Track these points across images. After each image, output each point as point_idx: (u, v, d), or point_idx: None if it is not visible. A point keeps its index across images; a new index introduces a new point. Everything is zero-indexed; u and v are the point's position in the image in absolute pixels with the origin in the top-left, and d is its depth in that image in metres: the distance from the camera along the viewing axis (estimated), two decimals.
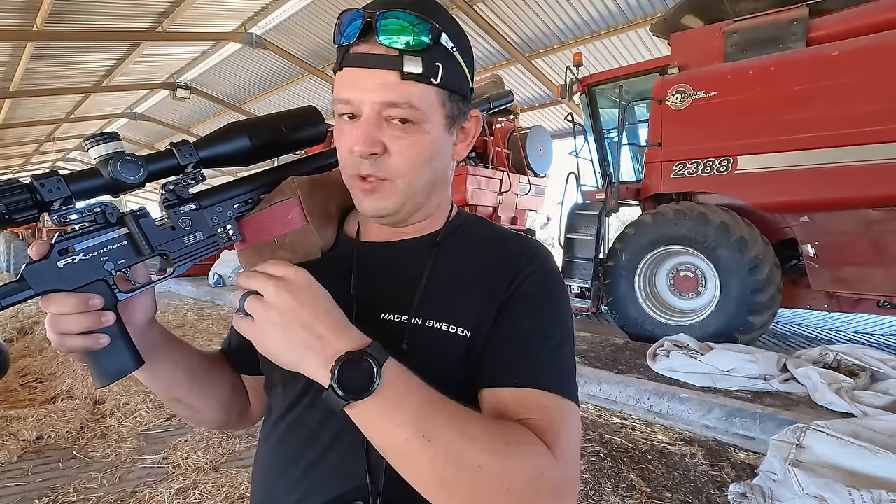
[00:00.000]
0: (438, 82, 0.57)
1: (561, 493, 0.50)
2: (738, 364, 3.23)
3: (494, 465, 0.47)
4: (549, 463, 0.50)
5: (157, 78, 12.12)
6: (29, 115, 13.64)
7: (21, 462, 2.66)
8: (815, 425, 2.27)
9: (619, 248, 4.81)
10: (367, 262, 0.67)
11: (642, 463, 2.58)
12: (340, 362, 0.48)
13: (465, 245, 0.67)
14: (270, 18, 9.39)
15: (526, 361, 0.57)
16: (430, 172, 0.61)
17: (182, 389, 0.70)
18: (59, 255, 0.54)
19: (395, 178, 0.59)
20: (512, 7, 8.20)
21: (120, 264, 0.57)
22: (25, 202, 0.51)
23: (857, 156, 3.81)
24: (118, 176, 0.55)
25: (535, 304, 0.61)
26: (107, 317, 0.55)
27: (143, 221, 0.59)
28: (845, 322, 6.34)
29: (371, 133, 0.57)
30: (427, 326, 0.60)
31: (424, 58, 0.55)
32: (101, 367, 0.57)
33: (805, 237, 4.22)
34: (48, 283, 0.53)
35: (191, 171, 0.62)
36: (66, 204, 0.54)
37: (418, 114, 0.57)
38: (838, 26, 4.09)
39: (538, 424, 0.52)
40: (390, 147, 0.58)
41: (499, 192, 7.15)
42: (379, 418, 0.49)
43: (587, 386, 3.52)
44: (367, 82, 0.56)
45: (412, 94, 0.56)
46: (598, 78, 5.63)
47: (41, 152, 19.59)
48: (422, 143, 0.58)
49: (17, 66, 9.38)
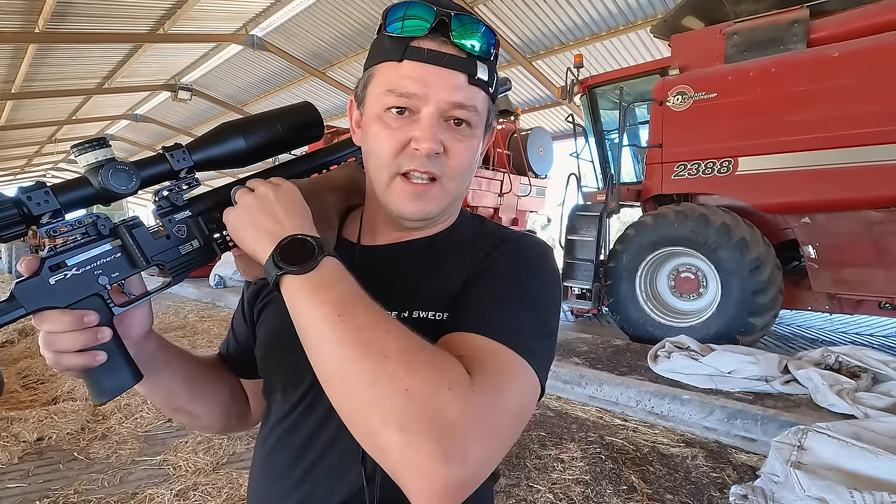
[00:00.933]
0: (492, 91, 0.60)
1: (469, 426, 0.43)
2: (739, 365, 3.22)
3: (401, 364, 0.44)
4: (462, 386, 0.44)
5: (159, 80, 12.14)
6: (31, 116, 13.68)
7: (22, 463, 2.66)
8: (816, 427, 2.26)
9: (620, 250, 4.81)
10: (367, 265, 0.67)
11: (643, 464, 2.58)
12: (287, 239, 0.52)
13: (459, 240, 0.67)
14: (271, 20, 9.41)
15: (477, 312, 0.55)
16: (470, 176, 0.63)
17: (182, 398, 0.69)
18: (50, 271, 0.52)
19: (447, 180, 0.60)
20: (512, 8, 8.21)
21: (114, 277, 0.55)
22: (12, 217, 0.49)
23: (858, 157, 3.80)
24: (109, 185, 0.53)
25: (502, 272, 0.59)
26: (103, 333, 0.53)
27: (136, 232, 0.57)
28: (847, 323, 6.33)
29: (437, 132, 0.56)
30: (414, 318, 0.60)
31: (489, 65, 0.57)
32: (98, 385, 0.55)
33: (806, 238, 4.22)
34: (40, 300, 0.51)
35: (184, 176, 0.60)
36: (56, 217, 0.52)
37: (478, 118, 0.59)
38: (839, 27, 4.09)
39: (467, 360, 0.48)
40: (448, 147, 0.58)
41: (500, 194, 7.16)
42: (304, 294, 0.49)
43: (588, 387, 3.52)
44: (437, 80, 0.55)
45: (477, 98, 0.58)
46: (598, 79, 5.64)
47: (42, 154, 19.62)
48: (473, 148, 0.60)
49: (18, 68, 9.40)
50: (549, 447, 2.77)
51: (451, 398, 0.43)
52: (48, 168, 24.09)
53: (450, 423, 0.42)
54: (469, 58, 0.56)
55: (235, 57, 10.99)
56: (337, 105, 12.28)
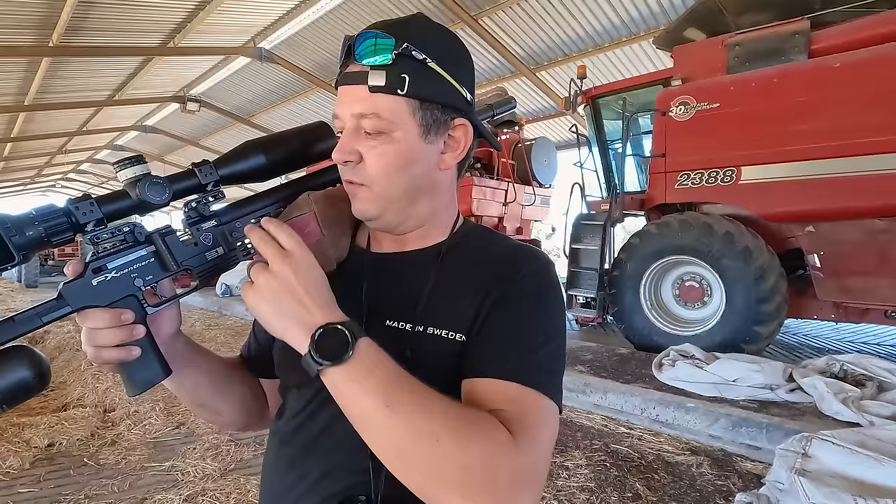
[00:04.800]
0: (405, 93, 0.60)
1: (519, 482, 0.50)
2: (744, 374, 3.23)
3: (452, 441, 0.49)
4: (509, 450, 0.50)
5: (168, 91, 12.33)
6: (43, 128, 13.89)
7: (33, 469, 2.70)
8: (821, 434, 2.26)
9: (625, 259, 4.83)
10: (376, 273, 0.70)
11: (648, 472, 2.58)
12: (320, 331, 0.53)
13: (468, 255, 0.69)
14: (279, 33, 9.56)
15: (504, 355, 0.59)
16: (406, 179, 0.64)
17: (206, 395, 0.73)
18: (93, 274, 0.57)
19: (371, 185, 0.63)
20: (516, 20, 8.32)
21: (148, 280, 0.61)
22: (62, 226, 0.55)
23: (861, 166, 3.82)
24: (145, 197, 0.59)
25: (522, 305, 0.63)
26: (138, 330, 0.59)
27: (168, 239, 0.62)
28: (853, 332, 6.30)
29: (346, 143, 0.62)
30: (428, 334, 0.63)
31: (389, 71, 0.59)
32: (133, 378, 0.60)
33: (810, 247, 4.22)
34: (84, 299, 0.57)
35: (211, 189, 0.65)
36: (99, 225, 0.58)
37: (385, 123, 0.60)
38: (840, 38, 4.13)
39: (506, 415, 0.54)
40: (364, 155, 0.62)
41: (504, 203, 7.20)
42: (348, 385, 0.52)
43: (593, 395, 3.53)
44: (345, 97, 0.62)
45: (378, 105, 0.60)
46: (601, 90, 5.70)
47: (53, 164, 19.89)
48: (391, 152, 0.62)
49: (32, 81, 9.59)
50: (553, 455, 2.78)
51: (501, 463, 0.50)
52: (58, 178, 24.39)
53: (503, 483, 0.49)
54: (367, 70, 0.60)
55: (243, 69, 11.16)
56: None
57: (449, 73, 0.62)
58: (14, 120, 12.44)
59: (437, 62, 0.61)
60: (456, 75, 0.63)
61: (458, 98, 0.64)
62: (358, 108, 0.61)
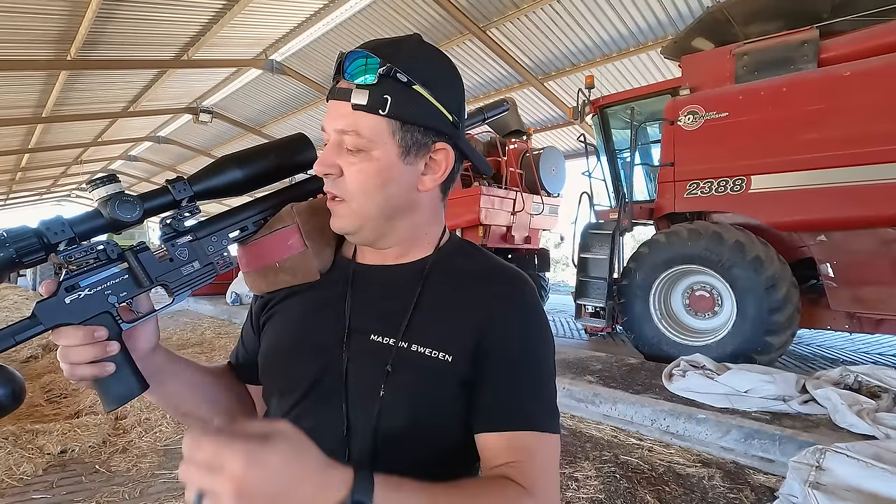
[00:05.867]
0: (386, 113, 0.61)
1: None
2: (756, 384, 3.18)
3: None
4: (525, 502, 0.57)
5: (181, 103, 12.55)
6: (59, 139, 14.18)
7: (46, 475, 2.73)
8: (835, 447, 2.23)
9: (634, 268, 4.81)
10: (361, 284, 0.72)
11: (659, 484, 2.55)
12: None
13: (452, 275, 0.70)
14: (290, 45, 9.72)
15: (511, 406, 0.64)
16: (383, 197, 0.65)
17: (190, 404, 0.75)
18: (66, 292, 0.58)
19: (349, 200, 0.65)
20: (524, 31, 8.38)
21: (122, 297, 0.62)
22: (34, 246, 0.56)
23: (873, 175, 3.78)
24: (116, 215, 0.60)
25: (518, 346, 0.65)
26: (111, 346, 0.60)
27: (142, 256, 0.63)
28: (867, 343, 6.19)
29: (327, 156, 0.64)
30: (412, 350, 0.65)
31: (372, 91, 0.60)
32: (108, 393, 0.61)
33: (823, 256, 4.18)
34: (57, 318, 0.58)
35: (186, 205, 0.66)
36: (71, 244, 0.59)
37: (364, 141, 0.62)
38: (850, 47, 4.12)
39: (519, 467, 0.60)
40: (344, 170, 0.64)
41: (512, 212, 7.22)
42: None
43: (602, 406, 3.50)
44: (331, 112, 0.65)
45: (359, 123, 0.62)
46: (609, 99, 5.71)
47: (68, 174, 20.27)
48: (369, 169, 0.63)
49: (50, 94, 9.81)
50: (563, 466, 2.76)
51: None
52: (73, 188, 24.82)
53: None
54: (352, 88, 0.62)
55: (255, 81, 11.33)
56: None
57: (434, 96, 0.63)
58: (32, 131, 12.71)
59: (423, 85, 0.62)
60: (442, 98, 0.63)
61: (441, 121, 0.64)
62: (341, 123, 0.63)
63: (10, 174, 17.69)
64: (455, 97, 0.66)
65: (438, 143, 0.65)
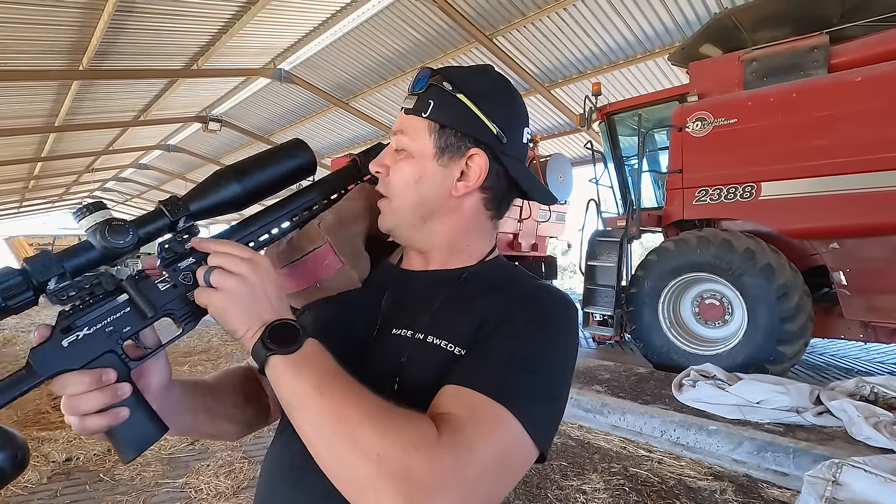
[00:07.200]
0: (427, 115, 0.67)
1: (435, 482, 0.46)
2: (768, 395, 3.12)
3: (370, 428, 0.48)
4: (428, 444, 0.48)
5: (191, 112, 12.70)
6: (71, 147, 14.39)
7: (51, 483, 2.73)
8: (852, 461, 2.17)
9: (642, 275, 4.75)
10: (399, 286, 0.73)
11: (669, 498, 2.50)
12: (276, 323, 0.56)
13: (487, 281, 0.70)
14: (298, 54, 9.80)
15: (485, 369, 0.57)
16: (417, 195, 0.68)
17: (203, 427, 0.72)
18: (62, 334, 0.52)
19: (390, 197, 0.70)
20: (531, 39, 8.40)
21: (126, 332, 0.55)
22: (20, 287, 0.50)
23: (886, 181, 3.72)
24: (108, 243, 0.54)
25: (517, 330, 0.61)
26: (123, 389, 0.54)
27: (142, 284, 0.57)
28: (883, 353, 6.07)
29: (382, 157, 0.71)
30: (428, 342, 0.64)
31: (420, 97, 0.68)
32: (124, 441, 0.55)
33: (835, 264, 4.10)
34: (56, 364, 0.51)
35: (183, 226, 0.60)
36: (62, 280, 0.52)
37: (407, 140, 0.68)
38: (860, 53, 4.07)
39: (450, 418, 0.52)
40: (390, 170, 0.70)
41: (519, 219, 7.19)
42: (289, 372, 0.53)
43: (610, 416, 3.44)
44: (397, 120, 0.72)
45: (406, 124, 0.69)
46: (616, 106, 5.69)
47: (80, 182, 20.55)
48: (407, 166, 0.68)
49: (62, 103, 9.96)
50: (570, 478, 2.71)
51: (417, 458, 0.47)
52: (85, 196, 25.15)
53: (416, 480, 0.46)
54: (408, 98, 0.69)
55: (263, 89, 11.44)
56: (360, 134, 12.61)
57: (479, 107, 0.66)
58: (45, 140, 12.91)
59: (469, 96, 0.66)
60: (487, 111, 0.67)
61: (481, 130, 0.67)
62: (397, 127, 0.70)
63: (24, 182, 17.97)
64: (504, 114, 0.69)
65: (473, 149, 0.67)
